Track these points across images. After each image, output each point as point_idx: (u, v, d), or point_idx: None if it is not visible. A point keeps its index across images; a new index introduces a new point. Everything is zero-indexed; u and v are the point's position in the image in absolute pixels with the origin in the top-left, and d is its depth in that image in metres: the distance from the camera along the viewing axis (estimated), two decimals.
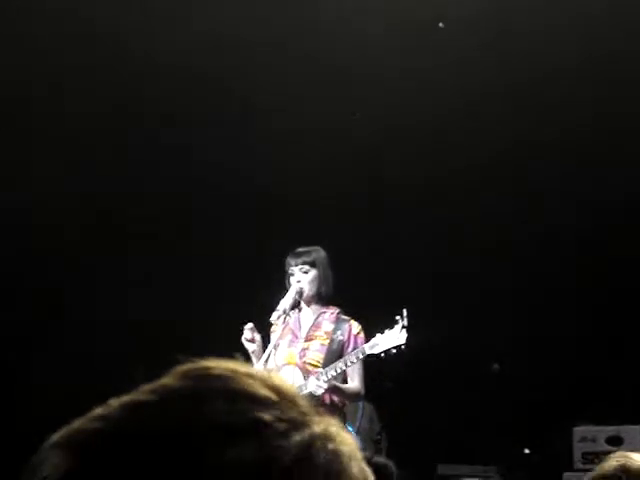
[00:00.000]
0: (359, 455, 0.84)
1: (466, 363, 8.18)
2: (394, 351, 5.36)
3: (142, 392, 0.83)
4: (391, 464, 3.99)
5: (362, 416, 7.16)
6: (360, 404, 7.09)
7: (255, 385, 0.82)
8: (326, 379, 5.33)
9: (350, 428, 6.93)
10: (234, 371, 0.83)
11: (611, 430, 7.38)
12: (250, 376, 0.83)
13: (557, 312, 8.13)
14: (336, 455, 0.81)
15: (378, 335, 5.40)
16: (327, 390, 5.36)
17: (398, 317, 5.38)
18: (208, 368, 0.84)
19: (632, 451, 2.26)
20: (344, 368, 5.39)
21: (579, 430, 7.46)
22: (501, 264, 8.23)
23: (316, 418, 0.82)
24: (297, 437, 0.79)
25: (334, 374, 5.36)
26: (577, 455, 7.38)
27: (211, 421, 0.78)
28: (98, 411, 0.82)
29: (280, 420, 0.80)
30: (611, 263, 7.97)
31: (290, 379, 5.36)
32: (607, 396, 7.46)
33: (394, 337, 5.36)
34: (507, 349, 8.19)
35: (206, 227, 8.08)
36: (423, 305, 5.53)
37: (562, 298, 8.14)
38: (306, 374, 5.40)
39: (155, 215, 8.04)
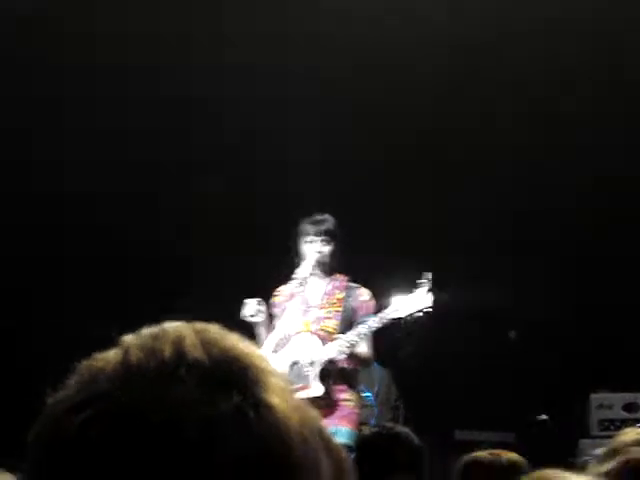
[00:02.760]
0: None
1: (484, 329, 8.18)
2: (420, 314, 5.29)
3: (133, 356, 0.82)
4: (412, 435, 3.96)
5: (380, 382, 7.20)
6: (377, 370, 7.11)
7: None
8: (348, 344, 5.30)
9: (368, 394, 6.97)
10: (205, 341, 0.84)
11: (628, 397, 7.40)
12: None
13: (577, 278, 8.11)
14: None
15: (399, 298, 5.32)
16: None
17: (424, 280, 5.30)
18: (180, 337, 0.84)
19: None
20: (367, 332, 5.32)
21: (596, 397, 7.47)
22: (530, 229, 8.18)
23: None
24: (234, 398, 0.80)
25: (356, 339, 5.30)
26: (594, 422, 7.40)
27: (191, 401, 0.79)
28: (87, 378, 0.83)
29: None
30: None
31: (308, 346, 5.40)
32: (625, 363, 7.45)
33: (419, 300, 5.29)
34: (526, 316, 8.18)
35: None
36: (439, 270, 5.44)
37: (584, 264, 8.11)
38: (323, 341, 5.42)
39: None
